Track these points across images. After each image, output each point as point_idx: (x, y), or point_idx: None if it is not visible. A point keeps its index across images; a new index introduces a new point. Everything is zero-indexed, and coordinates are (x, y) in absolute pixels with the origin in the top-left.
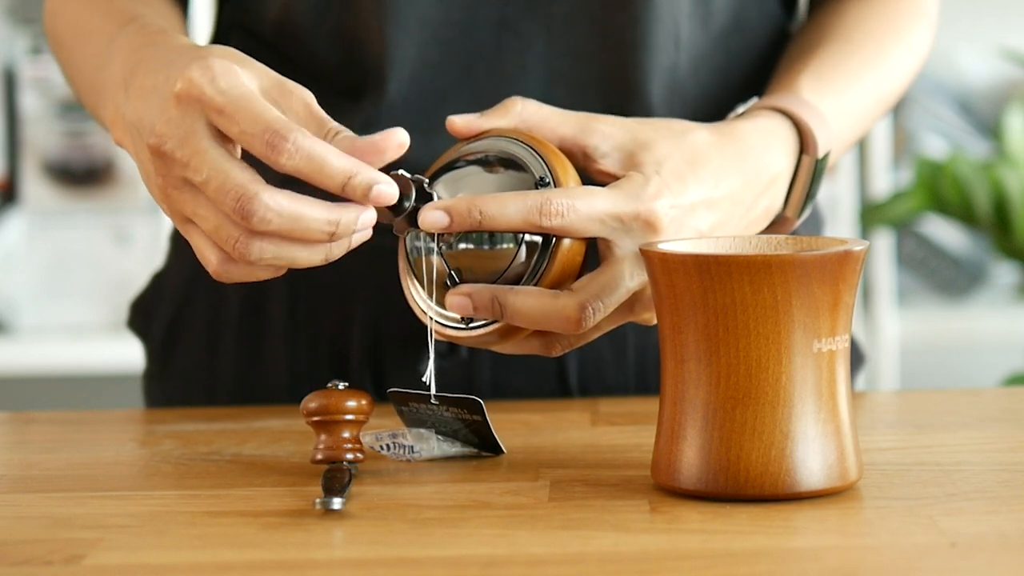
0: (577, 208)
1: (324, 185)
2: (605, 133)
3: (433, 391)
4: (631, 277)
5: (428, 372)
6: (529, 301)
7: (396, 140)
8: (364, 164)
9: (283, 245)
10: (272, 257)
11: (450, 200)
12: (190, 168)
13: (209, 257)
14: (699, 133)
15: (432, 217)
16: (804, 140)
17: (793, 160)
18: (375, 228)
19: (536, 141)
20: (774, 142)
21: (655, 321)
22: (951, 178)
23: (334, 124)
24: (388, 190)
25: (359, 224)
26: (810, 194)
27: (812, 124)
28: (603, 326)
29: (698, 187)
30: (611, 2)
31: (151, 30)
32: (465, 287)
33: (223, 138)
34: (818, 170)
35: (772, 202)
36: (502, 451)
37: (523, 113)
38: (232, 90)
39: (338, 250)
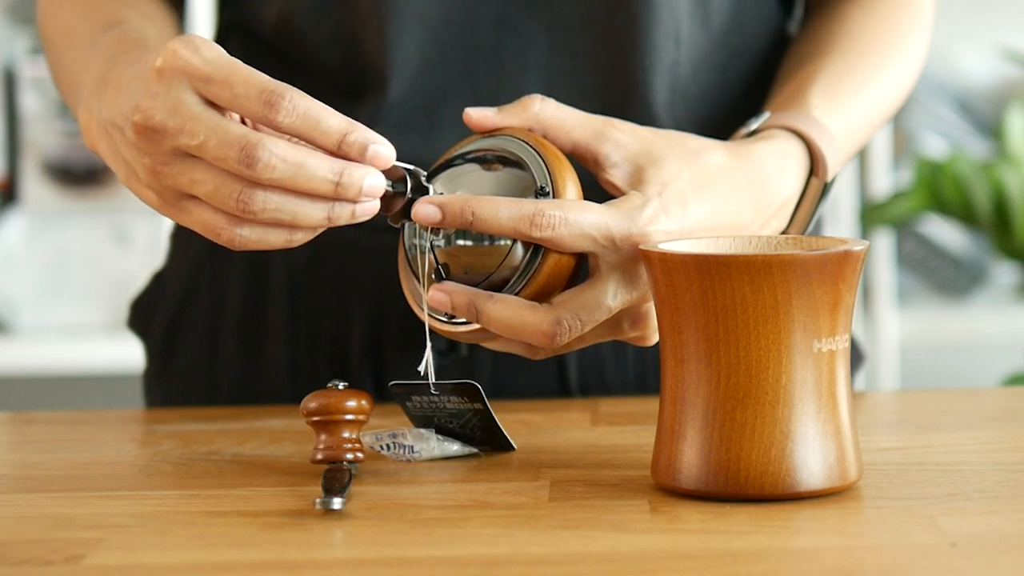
0: (569, 222)
1: (320, 142)
2: (619, 142)
3: (432, 379)
4: (614, 297)
5: (425, 361)
6: (506, 311)
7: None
8: (361, 124)
9: (287, 196)
10: (276, 208)
11: (445, 197)
12: (185, 133)
13: (216, 224)
14: (714, 154)
15: (425, 211)
16: (815, 162)
17: (803, 182)
18: (373, 226)
19: (544, 146)
20: (788, 164)
21: (650, 341)
22: (951, 178)
23: None
24: (385, 151)
25: (365, 186)
26: (813, 213)
27: (824, 147)
28: (587, 339)
29: (699, 211)
30: (611, 2)
31: (129, 37)
32: (448, 285)
33: (212, 104)
34: (825, 192)
35: (780, 224)
36: (512, 447)
37: (540, 113)
38: (219, 59)
39: (341, 211)
